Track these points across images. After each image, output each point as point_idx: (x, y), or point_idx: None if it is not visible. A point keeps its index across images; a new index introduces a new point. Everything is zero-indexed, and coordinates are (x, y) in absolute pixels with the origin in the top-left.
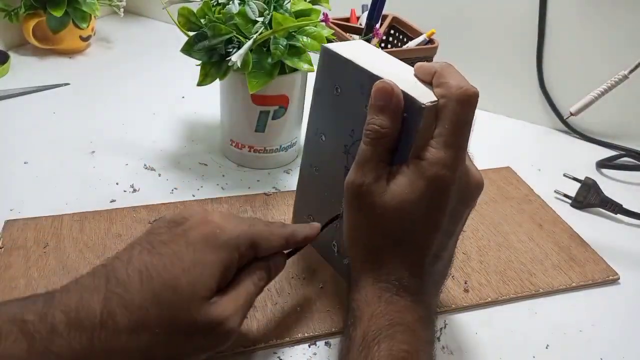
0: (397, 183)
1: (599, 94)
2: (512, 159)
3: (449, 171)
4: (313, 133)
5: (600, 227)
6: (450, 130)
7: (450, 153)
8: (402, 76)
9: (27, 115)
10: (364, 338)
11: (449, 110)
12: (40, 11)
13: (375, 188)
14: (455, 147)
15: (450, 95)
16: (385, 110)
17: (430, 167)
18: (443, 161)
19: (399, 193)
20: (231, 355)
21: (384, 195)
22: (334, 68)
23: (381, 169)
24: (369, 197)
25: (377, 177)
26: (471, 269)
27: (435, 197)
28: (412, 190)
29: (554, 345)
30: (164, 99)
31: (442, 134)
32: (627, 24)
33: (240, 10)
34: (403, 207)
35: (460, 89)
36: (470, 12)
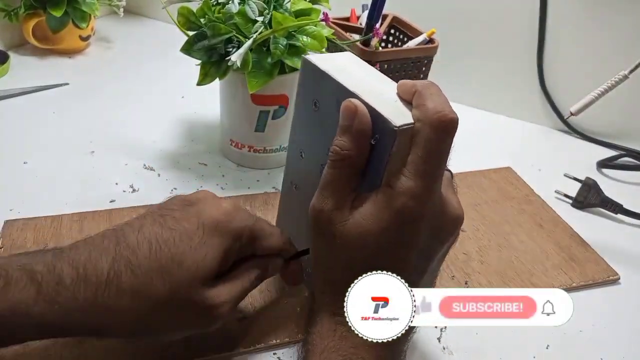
0: (361, 212)
1: (600, 93)
2: (513, 159)
3: (417, 203)
4: (293, 148)
5: (600, 227)
6: (422, 158)
7: (421, 183)
8: (383, 94)
9: (27, 115)
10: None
11: (423, 136)
12: (40, 11)
13: (336, 216)
14: (427, 177)
15: (426, 119)
16: (348, 131)
17: (398, 198)
18: (412, 192)
19: (362, 223)
20: (231, 355)
21: (345, 224)
22: (312, 81)
23: (343, 195)
24: (329, 225)
25: (338, 204)
26: (472, 269)
27: (401, 231)
28: (376, 221)
29: (554, 345)
30: (164, 99)
31: (413, 162)
32: (627, 24)
33: (240, 10)
34: (365, 239)
35: (437, 114)
36: (471, 12)
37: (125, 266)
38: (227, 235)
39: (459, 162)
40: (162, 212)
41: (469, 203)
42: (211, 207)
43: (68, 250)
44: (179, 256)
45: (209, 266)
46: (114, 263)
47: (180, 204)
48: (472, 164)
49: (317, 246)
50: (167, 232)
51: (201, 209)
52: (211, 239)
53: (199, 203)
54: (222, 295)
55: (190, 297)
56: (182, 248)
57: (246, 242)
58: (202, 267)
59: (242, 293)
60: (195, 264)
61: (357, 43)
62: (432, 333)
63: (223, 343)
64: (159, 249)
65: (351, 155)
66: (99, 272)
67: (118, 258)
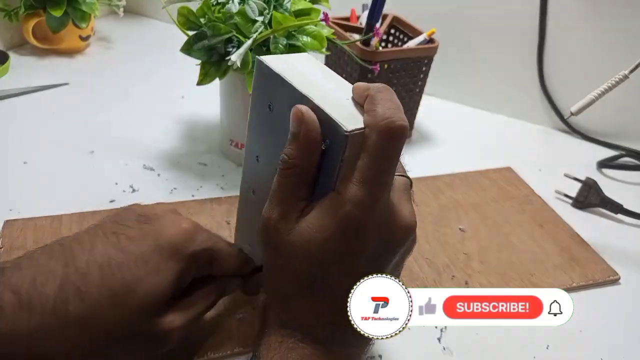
0: (307, 220)
1: (600, 93)
2: (513, 159)
3: (361, 211)
4: (249, 153)
5: (601, 227)
6: (369, 165)
7: (367, 191)
8: (338, 97)
9: (27, 115)
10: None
11: (370, 142)
12: (40, 11)
13: (282, 225)
14: (373, 185)
15: (374, 125)
16: (296, 139)
17: (343, 205)
18: (357, 199)
19: (306, 231)
20: (231, 355)
21: (291, 232)
22: (266, 83)
23: (290, 204)
24: (275, 234)
25: (284, 213)
26: (472, 269)
27: (346, 240)
28: (320, 229)
29: (554, 346)
30: (164, 99)
31: (360, 169)
32: (628, 24)
33: (240, 10)
34: (309, 248)
35: (385, 120)
36: (471, 12)
37: (74, 293)
38: (184, 259)
39: (459, 162)
40: (115, 228)
41: (469, 203)
42: (169, 227)
43: (10, 272)
44: (132, 283)
45: (163, 293)
46: (61, 289)
47: (135, 219)
48: (472, 164)
49: (266, 257)
50: (120, 255)
51: (158, 229)
52: (167, 263)
53: (156, 220)
54: (175, 322)
55: (141, 326)
56: (136, 274)
57: (204, 265)
58: (156, 295)
59: (196, 318)
60: (149, 292)
61: (357, 43)
62: (432, 333)
63: (223, 343)
64: (110, 274)
65: (297, 165)
66: (44, 300)
67: (66, 283)
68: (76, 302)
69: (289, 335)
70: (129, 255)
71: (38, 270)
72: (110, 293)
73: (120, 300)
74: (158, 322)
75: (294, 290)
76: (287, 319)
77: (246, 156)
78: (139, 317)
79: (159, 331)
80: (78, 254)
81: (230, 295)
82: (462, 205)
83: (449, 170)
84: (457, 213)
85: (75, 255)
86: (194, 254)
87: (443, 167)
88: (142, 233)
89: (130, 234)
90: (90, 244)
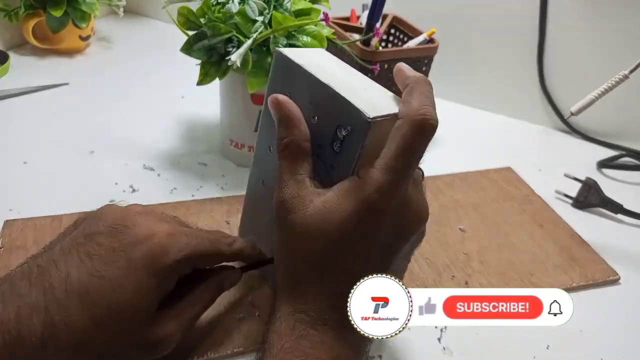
0: (323, 200)
1: (600, 93)
2: (513, 159)
3: (382, 197)
4: (262, 143)
5: (601, 227)
6: (395, 154)
7: (388, 178)
8: (357, 87)
9: (27, 115)
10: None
11: (400, 132)
12: (40, 11)
13: (295, 204)
14: (396, 174)
15: (407, 117)
16: (280, 122)
17: (364, 188)
18: (378, 184)
19: (323, 210)
20: (231, 355)
21: (306, 211)
22: (284, 73)
23: (299, 182)
24: (289, 213)
25: (294, 193)
26: (472, 269)
27: (363, 223)
28: (338, 210)
29: (554, 345)
30: (164, 99)
31: (386, 156)
32: (628, 24)
33: (240, 10)
34: (326, 228)
35: (420, 115)
36: (471, 12)
37: (59, 323)
38: (162, 273)
39: (459, 162)
40: (87, 246)
41: (469, 203)
42: (142, 238)
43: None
44: (114, 308)
45: (149, 308)
46: (46, 322)
47: (107, 232)
48: (472, 164)
49: (279, 239)
50: (97, 281)
51: (130, 243)
52: (147, 280)
53: (127, 232)
54: (169, 328)
55: (134, 341)
56: (116, 298)
57: (187, 271)
58: (142, 312)
59: (194, 319)
60: (133, 312)
61: (357, 43)
62: (432, 333)
63: (223, 343)
64: (91, 303)
65: (289, 142)
66: (32, 334)
67: (50, 315)
68: (64, 332)
69: (301, 321)
70: (105, 281)
71: (21, 304)
72: (94, 320)
73: (106, 325)
74: (150, 332)
75: (306, 272)
76: (298, 305)
77: (258, 147)
78: (129, 335)
79: (153, 340)
80: (55, 281)
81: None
82: (462, 205)
83: (449, 170)
84: (457, 213)
85: (53, 283)
86: (171, 265)
87: (443, 167)
88: (114, 252)
89: (102, 255)
90: (65, 268)
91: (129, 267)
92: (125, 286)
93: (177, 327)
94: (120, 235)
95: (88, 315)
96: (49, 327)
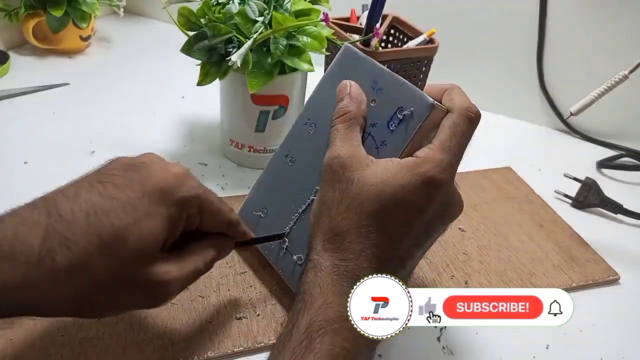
0: (382, 165)
1: (599, 94)
2: (513, 159)
3: (442, 172)
4: (303, 122)
5: (600, 227)
6: (448, 136)
7: (446, 157)
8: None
9: (27, 115)
10: (309, 327)
11: (451, 120)
12: (40, 11)
13: (353, 162)
14: (452, 154)
15: (455, 109)
16: (344, 97)
17: (423, 164)
18: (438, 161)
19: (383, 174)
20: (231, 355)
21: (365, 171)
22: (350, 64)
23: (355, 145)
24: (346, 170)
25: (352, 153)
26: (472, 269)
27: (420, 195)
28: (397, 176)
29: (554, 345)
30: (164, 99)
31: (440, 138)
32: (628, 24)
33: (240, 10)
34: (383, 189)
35: (466, 106)
36: (471, 12)
37: (60, 243)
38: (174, 204)
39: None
40: (100, 177)
41: (469, 203)
42: (157, 172)
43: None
44: (122, 230)
45: (155, 240)
46: (45, 239)
47: (122, 168)
48: (472, 164)
49: (329, 193)
50: (108, 202)
51: (146, 174)
52: (157, 208)
53: (143, 168)
54: (172, 272)
55: (135, 275)
56: (125, 221)
57: (194, 213)
58: (148, 242)
59: (195, 274)
60: (141, 239)
61: (357, 43)
62: (432, 333)
63: (223, 343)
64: (98, 222)
65: (352, 110)
66: (27, 251)
67: (50, 233)
68: (63, 252)
69: (343, 278)
70: (116, 202)
71: (20, 222)
72: (98, 241)
73: (110, 248)
74: (153, 272)
75: (354, 228)
76: (341, 259)
77: (296, 126)
78: (131, 266)
79: (155, 281)
80: (62, 203)
81: (231, 295)
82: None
83: None
84: None
85: (59, 204)
86: (184, 199)
87: None
88: (129, 180)
89: (116, 181)
90: (74, 193)
91: (143, 191)
92: (137, 209)
93: (179, 274)
94: (136, 170)
95: (93, 233)
96: (48, 242)
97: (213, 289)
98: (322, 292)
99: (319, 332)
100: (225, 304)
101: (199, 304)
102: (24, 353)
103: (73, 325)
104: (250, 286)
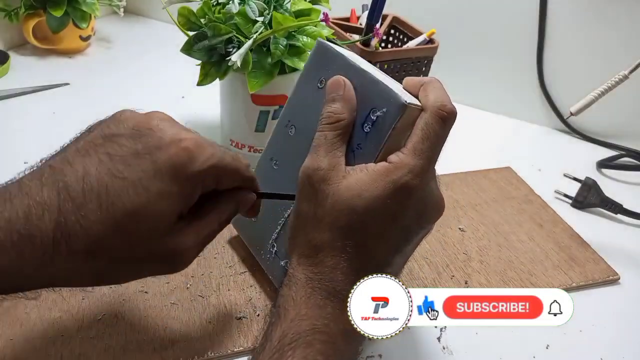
0: (356, 177)
1: (599, 94)
2: (513, 159)
3: (414, 179)
4: (283, 124)
5: (600, 227)
6: (421, 139)
7: (418, 162)
8: (386, 79)
9: (27, 115)
10: (281, 340)
11: (424, 121)
12: (40, 11)
13: (331, 175)
14: (424, 157)
15: (427, 108)
16: (338, 99)
17: (395, 171)
18: (410, 167)
19: (355, 187)
20: (231, 355)
21: (340, 184)
22: (323, 60)
23: (337, 157)
24: (323, 183)
25: (333, 164)
26: (471, 269)
27: (391, 202)
28: (370, 188)
29: (554, 345)
30: (164, 99)
31: (413, 142)
32: (627, 24)
33: (240, 10)
34: (356, 203)
35: (439, 104)
36: (471, 12)
37: (74, 225)
38: (188, 180)
39: (459, 162)
40: (107, 148)
41: (469, 203)
42: (168, 143)
43: (2, 206)
44: (135, 212)
45: (168, 218)
46: (59, 222)
47: (129, 134)
48: (472, 164)
49: (305, 207)
50: (118, 182)
51: (155, 146)
52: (170, 187)
53: (152, 135)
54: (188, 241)
55: (151, 249)
56: (138, 202)
57: (210, 183)
58: (163, 219)
59: (211, 235)
60: (155, 218)
61: (357, 43)
62: (432, 333)
63: (223, 343)
64: (111, 204)
65: (344, 118)
66: (43, 234)
67: (64, 216)
68: (78, 234)
69: (317, 291)
70: (127, 182)
71: (32, 203)
72: (112, 222)
73: (125, 229)
74: (169, 244)
75: (329, 242)
76: (316, 272)
77: (277, 129)
78: (146, 242)
79: (172, 252)
80: (71, 181)
81: (231, 295)
82: (462, 205)
83: (448, 170)
84: (456, 213)
85: (68, 183)
86: (198, 173)
87: (443, 167)
88: (138, 155)
89: (125, 155)
90: (82, 168)
91: (154, 169)
92: (149, 190)
93: (196, 240)
94: (145, 138)
95: (106, 216)
96: (62, 227)
97: (213, 289)
98: (295, 305)
99: (290, 345)
100: (225, 304)
101: (199, 304)
102: (24, 353)
103: (73, 325)
104: (250, 286)
